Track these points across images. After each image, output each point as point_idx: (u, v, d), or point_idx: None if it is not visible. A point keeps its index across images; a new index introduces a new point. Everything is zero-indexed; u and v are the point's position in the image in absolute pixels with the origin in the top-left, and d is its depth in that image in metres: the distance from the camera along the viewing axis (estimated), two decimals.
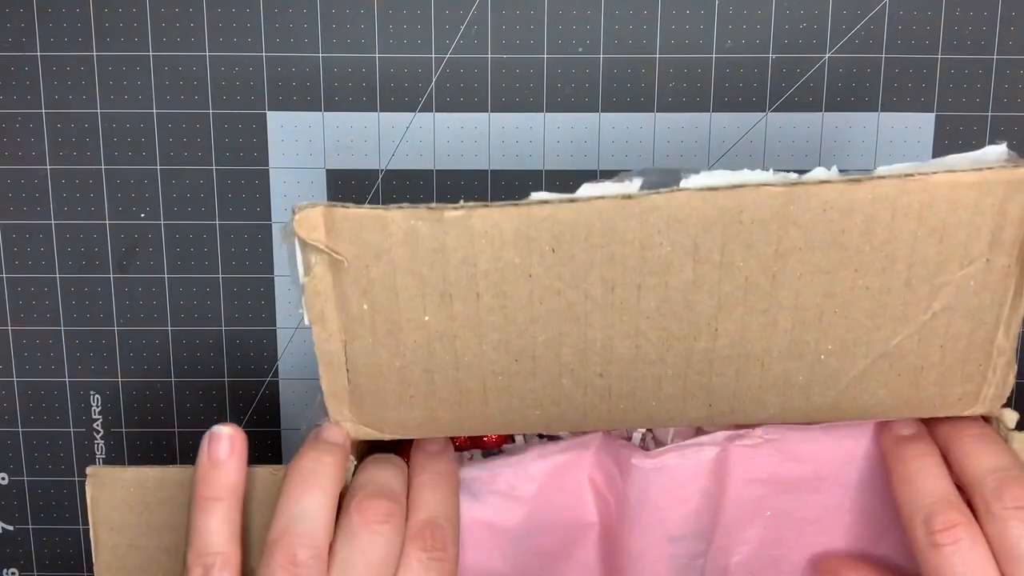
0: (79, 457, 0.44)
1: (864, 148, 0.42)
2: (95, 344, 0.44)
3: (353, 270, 0.28)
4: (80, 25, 0.41)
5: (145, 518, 0.32)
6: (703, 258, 0.28)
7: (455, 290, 0.29)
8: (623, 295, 0.29)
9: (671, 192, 0.28)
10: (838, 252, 0.29)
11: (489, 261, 0.28)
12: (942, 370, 0.31)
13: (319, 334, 0.30)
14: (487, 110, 0.42)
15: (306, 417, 0.33)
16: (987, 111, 0.41)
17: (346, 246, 0.28)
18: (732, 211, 0.28)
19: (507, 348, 0.30)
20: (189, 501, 0.30)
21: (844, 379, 0.31)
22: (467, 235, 0.28)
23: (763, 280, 0.29)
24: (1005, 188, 0.28)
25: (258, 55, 0.41)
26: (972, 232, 0.28)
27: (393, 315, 0.29)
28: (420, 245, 0.28)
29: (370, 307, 0.29)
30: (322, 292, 0.29)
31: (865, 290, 0.29)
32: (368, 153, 0.42)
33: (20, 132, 0.42)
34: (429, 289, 0.29)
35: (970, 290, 0.29)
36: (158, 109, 0.42)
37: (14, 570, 0.45)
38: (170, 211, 0.43)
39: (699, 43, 0.41)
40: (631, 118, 0.42)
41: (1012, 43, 0.41)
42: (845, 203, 0.28)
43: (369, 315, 0.29)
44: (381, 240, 0.28)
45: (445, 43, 0.41)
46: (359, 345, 0.30)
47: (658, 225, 0.28)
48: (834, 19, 0.41)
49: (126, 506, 0.32)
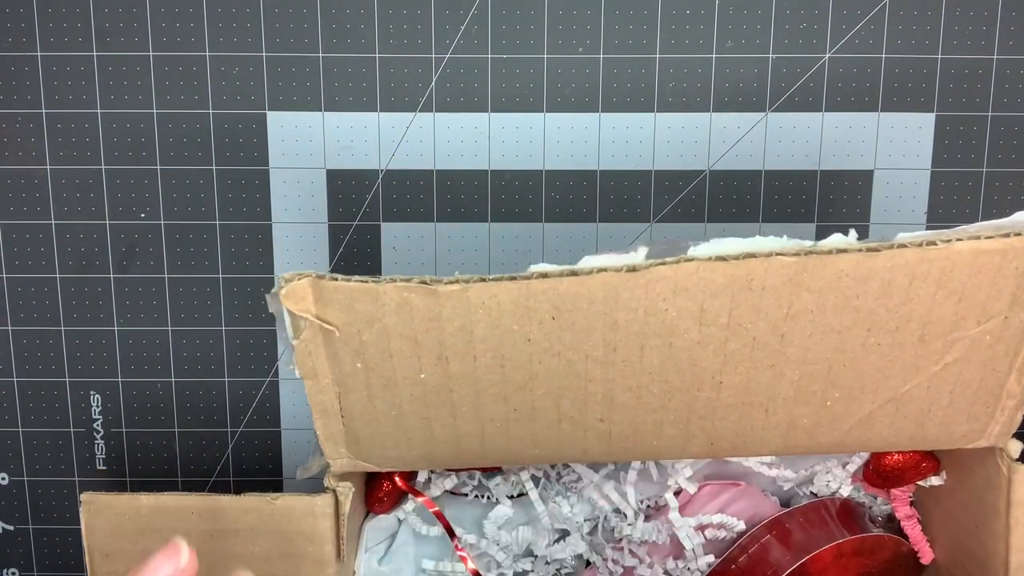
0: (79, 457, 0.44)
1: (864, 148, 0.42)
2: (95, 344, 0.44)
3: (345, 335, 0.28)
4: (80, 25, 0.41)
5: (140, 544, 0.32)
6: (710, 321, 0.28)
7: (451, 353, 0.28)
8: (625, 355, 0.28)
9: (678, 263, 0.27)
10: (851, 314, 0.28)
11: (487, 329, 0.28)
12: (949, 412, 0.30)
13: (312, 387, 0.29)
14: (487, 110, 0.42)
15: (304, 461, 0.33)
16: (987, 111, 0.41)
17: (336, 314, 0.28)
18: (742, 279, 0.27)
19: (505, 400, 0.29)
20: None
21: (849, 422, 0.31)
22: (463, 307, 0.27)
23: (771, 339, 0.28)
24: (1015, 261, 0.28)
25: (258, 55, 0.41)
26: (993, 294, 0.28)
27: (388, 373, 0.29)
28: (414, 315, 0.28)
29: (364, 366, 0.29)
30: (313, 352, 0.28)
31: (876, 346, 0.29)
32: (368, 153, 0.42)
33: (20, 132, 0.42)
34: (424, 352, 0.28)
35: (985, 344, 0.29)
36: (158, 109, 0.42)
37: (14, 570, 0.45)
38: (170, 211, 0.42)
39: (699, 43, 0.41)
40: (631, 118, 0.42)
41: (1012, 43, 0.41)
42: (862, 272, 0.27)
43: (363, 373, 0.29)
44: (373, 310, 0.28)
45: (445, 43, 0.41)
46: (354, 398, 0.29)
47: (664, 294, 0.27)
48: (834, 19, 0.41)
49: (121, 533, 0.32)
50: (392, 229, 0.43)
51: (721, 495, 0.37)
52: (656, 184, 0.42)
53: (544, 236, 0.43)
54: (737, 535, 0.37)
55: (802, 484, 0.39)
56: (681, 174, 0.42)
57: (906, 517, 0.38)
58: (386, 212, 0.42)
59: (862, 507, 0.39)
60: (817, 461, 0.38)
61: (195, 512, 0.32)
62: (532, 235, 0.43)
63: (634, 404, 0.30)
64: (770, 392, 0.29)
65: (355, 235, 0.43)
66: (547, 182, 0.42)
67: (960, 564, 0.35)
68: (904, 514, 0.38)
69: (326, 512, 0.31)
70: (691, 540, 0.37)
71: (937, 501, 0.37)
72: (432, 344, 0.28)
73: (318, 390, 0.29)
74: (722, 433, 0.31)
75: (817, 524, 0.37)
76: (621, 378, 0.29)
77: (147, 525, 0.32)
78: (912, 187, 0.42)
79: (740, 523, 0.37)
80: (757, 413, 0.30)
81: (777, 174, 0.42)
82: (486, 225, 0.43)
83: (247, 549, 0.32)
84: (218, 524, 0.32)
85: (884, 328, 0.28)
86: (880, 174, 0.42)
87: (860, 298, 0.28)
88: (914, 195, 0.42)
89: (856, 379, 0.29)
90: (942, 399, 0.30)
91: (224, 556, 0.32)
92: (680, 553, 0.37)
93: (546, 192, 0.42)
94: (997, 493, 0.32)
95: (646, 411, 0.30)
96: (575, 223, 0.42)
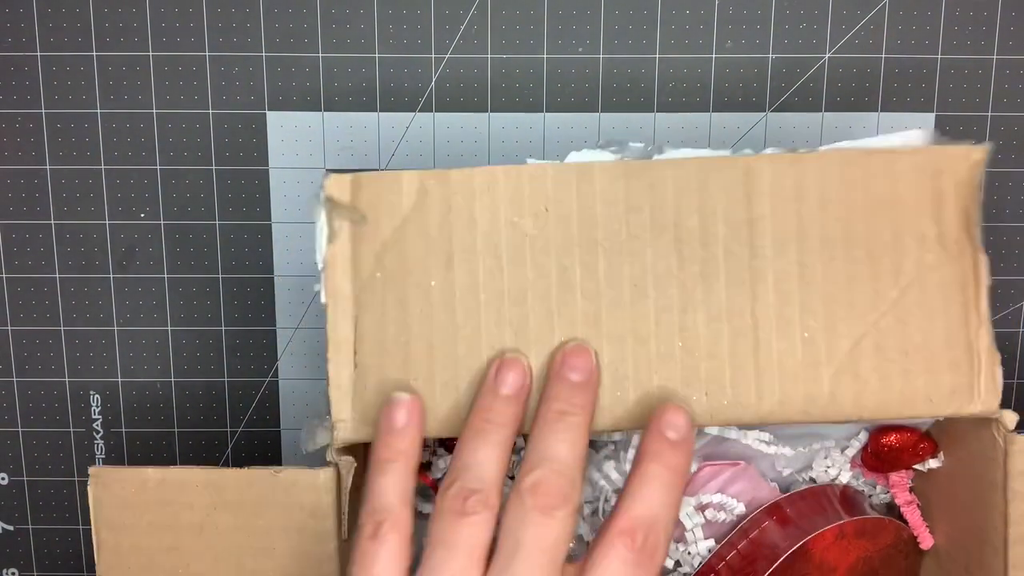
0: (79, 457, 0.44)
1: None
2: (95, 344, 0.44)
3: (369, 234, 0.31)
4: (80, 25, 0.41)
5: (147, 518, 0.33)
6: (682, 223, 0.31)
7: (457, 251, 0.31)
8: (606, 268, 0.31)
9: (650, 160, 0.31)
10: (798, 223, 0.31)
11: (488, 221, 0.31)
12: (926, 355, 0.31)
13: (332, 311, 0.31)
14: (487, 110, 0.42)
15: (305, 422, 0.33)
16: (987, 111, 0.41)
17: (366, 208, 0.31)
18: (701, 182, 0.31)
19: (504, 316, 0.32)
20: (369, 463, 0.30)
21: (834, 360, 0.31)
22: (469, 200, 0.31)
23: (740, 249, 0.31)
24: (935, 165, 0.31)
25: (258, 55, 0.41)
26: (916, 207, 0.31)
27: (401, 282, 0.31)
28: (429, 204, 0.31)
29: (382, 275, 0.31)
30: (340, 263, 0.31)
31: (831, 260, 0.31)
32: (368, 153, 0.42)
33: (20, 132, 0.42)
34: (435, 252, 0.31)
35: (930, 265, 0.31)
36: (158, 109, 0.42)
37: (14, 570, 0.45)
38: (170, 211, 0.43)
39: (699, 43, 0.41)
40: (631, 118, 0.42)
41: (1012, 43, 0.41)
42: (796, 180, 0.31)
43: (380, 283, 0.31)
44: (395, 201, 0.31)
45: (445, 43, 0.41)
46: (369, 319, 0.31)
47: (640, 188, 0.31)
48: (834, 19, 0.41)
49: (128, 506, 0.33)
50: None
51: (720, 475, 0.38)
52: None
53: None
54: (737, 518, 0.37)
55: (801, 470, 0.39)
56: None
57: (906, 503, 0.38)
58: None
59: (862, 494, 0.39)
60: (815, 439, 0.38)
61: (199, 485, 0.32)
62: None
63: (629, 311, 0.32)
64: (751, 317, 0.31)
65: None
66: None
67: (959, 543, 0.36)
68: (904, 500, 0.38)
69: (328, 487, 0.31)
70: (691, 519, 0.37)
71: (936, 485, 0.37)
72: (442, 239, 0.31)
73: (337, 314, 0.31)
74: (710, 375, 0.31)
75: (818, 509, 0.37)
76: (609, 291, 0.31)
77: (153, 498, 0.32)
78: None
79: (740, 505, 0.37)
80: (744, 347, 0.31)
81: None
82: None
83: (250, 522, 0.32)
84: (222, 497, 0.32)
85: (834, 239, 0.31)
86: None
87: (804, 205, 0.31)
88: None
89: (825, 303, 0.31)
90: (915, 336, 0.31)
91: (227, 528, 0.32)
92: (680, 536, 0.37)
93: None
94: (994, 466, 0.32)
95: (637, 341, 0.31)
96: None
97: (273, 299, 0.43)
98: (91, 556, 0.45)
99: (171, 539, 0.33)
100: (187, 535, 0.32)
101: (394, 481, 0.30)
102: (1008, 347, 0.43)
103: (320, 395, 0.44)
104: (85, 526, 0.45)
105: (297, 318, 0.43)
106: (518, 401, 0.31)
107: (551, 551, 0.28)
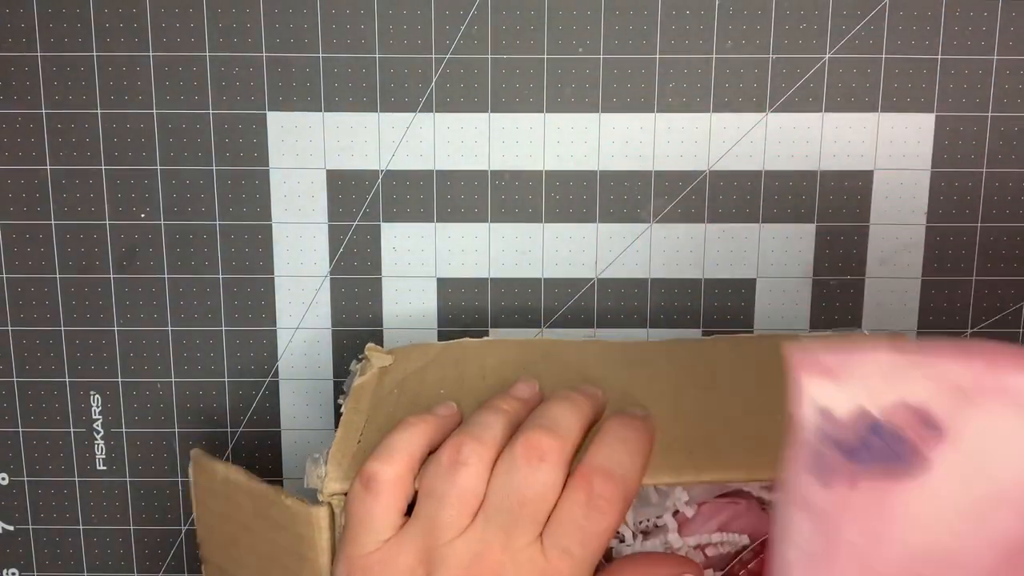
0: (79, 457, 0.44)
1: (864, 148, 0.42)
2: (95, 344, 0.44)
3: (395, 370, 0.37)
4: (80, 25, 0.41)
5: (220, 507, 0.35)
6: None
7: (466, 374, 0.37)
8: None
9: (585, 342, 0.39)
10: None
11: (496, 362, 0.37)
12: None
13: (350, 408, 0.35)
14: (487, 110, 0.42)
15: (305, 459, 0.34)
16: (987, 111, 0.41)
17: (397, 356, 0.38)
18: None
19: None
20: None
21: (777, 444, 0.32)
22: (479, 349, 0.38)
23: (706, 373, 0.37)
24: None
25: (258, 55, 0.41)
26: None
27: (415, 391, 0.36)
28: (448, 356, 0.38)
29: (399, 391, 0.36)
30: (366, 387, 0.36)
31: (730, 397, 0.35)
32: (368, 153, 0.42)
33: (20, 132, 0.42)
34: (448, 376, 0.37)
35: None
36: (158, 109, 0.42)
37: (14, 570, 0.45)
38: (170, 211, 0.43)
39: (699, 43, 0.41)
40: (631, 118, 0.42)
41: (1012, 43, 0.41)
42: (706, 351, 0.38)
43: (396, 395, 0.36)
44: (423, 353, 0.38)
45: (445, 43, 0.41)
46: (381, 412, 0.35)
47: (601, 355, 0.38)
48: (834, 19, 0.41)
49: (211, 493, 0.35)
50: (392, 229, 0.43)
51: (721, 513, 0.37)
52: (656, 184, 0.42)
53: (544, 236, 0.43)
54: (740, 548, 0.37)
55: None
56: (681, 174, 0.42)
57: None
58: (386, 212, 0.42)
59: None
60: None
61: (243, 490, 0.34)
62: (532, 235, 0.43)
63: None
64: (724, 408, 0.34)
65: (355, 235, 0.43)
66: (547, 182, 0.42)
67: None
68: None
69: (322, 525, 0.32)
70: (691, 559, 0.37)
71: None
72: (455, 371, 0.37)
73: (353, 410, 0.35)
74: (696, 439, 0.33)
75: None
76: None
77: (221, 490, 0.35)
78: (912, 187, 0.42)
79: (744, 537, 0.37)
80: (721, 424, 0.34)
81: (777, 174, 0.42)
82: (486, 225, 0.43)
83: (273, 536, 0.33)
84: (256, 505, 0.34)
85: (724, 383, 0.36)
86: (880, 174, 0.42)
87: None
88: (914, 195, 0.42)
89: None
90: None
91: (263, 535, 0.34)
92: None
93: (546, 192, 0.42)
94: None
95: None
96: (575, 223, 0.42)
97: (273, 299, 0.43)
98: (91, 556, 0.45)
99: (232, 530, 0.35)
100: (241, 531, 0.34)
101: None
102: None
103: (320, 395, 0.44)
104: (85, 526, 0.45)
105: (297, 318, 0.43)
106: (527, 404, 0.32)
107: (534, 501, 0.29)
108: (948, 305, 0.43)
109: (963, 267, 0.43)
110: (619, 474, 0.30)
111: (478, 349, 0.38)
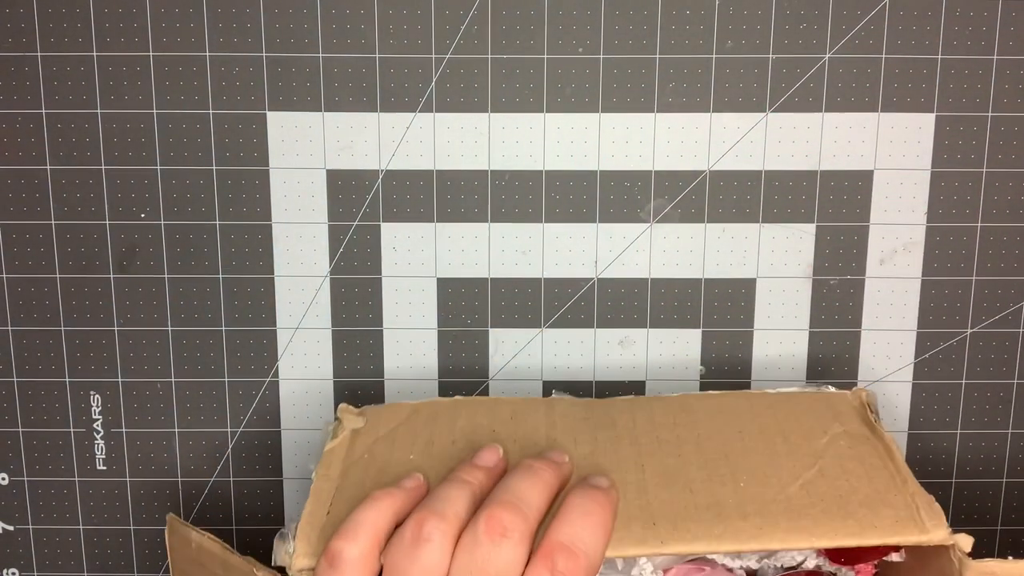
0: (79, 457, 0.44)
1: (864, 148, 0.42)
2: (95, 344, 0.44)
3: (367, 432, 0.38)
4: (80, 25, 0.41)
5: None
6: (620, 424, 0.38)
7: (436, 438, 0.37)
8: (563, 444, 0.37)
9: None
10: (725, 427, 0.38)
11: (465, 420, 0.38)
12: (860, 497, 0.34)
13: (321, 476, 0.36)
14: (487, 110, 0.42)
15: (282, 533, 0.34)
16: (987, 111, 0.41)
17: (370, 416, 0.39)
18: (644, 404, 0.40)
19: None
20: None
21: (773, 502, 0.33)
22: (451, 408, 0.39)
23: (670, 437, 0.37)
24: (827, 401, 0.39)
25: (258, 55, 0.41)
26: (818, 419, 0.38)
27: (386, 457, 0.36)
28: (419, 416, 0.39)
29: (369, 456, 0.37)
30: (337, 451, 0.37)
31: (754, 451, 0.36)
32: (368, 153, 0.42)
33: (20, 132, 0.42)
34: (419, 439, 0.37)
35: (844, 447, 0.36)
36: (158, 109, 0.42)
37: (14, 570, 0.45)
38: (170, 211, 0.43)
39: (699, 43, 0.41)
40: (631, 118, 0.42)
41: (1012, 43, 0.41)
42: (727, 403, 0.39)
43: (366, 461, 0.36)
44: (393, 414, 0.39)
45: (445, 43, 0.41)
46: (350, 480, 0.35)
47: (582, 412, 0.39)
48: (834, 19, 0.41)
49: (189, 560, 0.36)
50: (392, 229, 0.43)
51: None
52: (656, 184, 0.42)
53: (544, 236, 0.43)
54: None
55: (769, 556, 0.39)
56: (681, 174, 0.42)
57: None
58: (386, 212, 0.42)
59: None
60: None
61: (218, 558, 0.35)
62: (532, 235, 0.43)
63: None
64: (687, 476, 0.35)
65: (355, 235, 0.43)
66: (547, 182, 0.42)
67: None
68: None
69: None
70: None
71: (899, 573, 0.37)
72: (426, 433, 0.38)
73: (324, 477, 0.36)
74: (660, 510, 0.33)
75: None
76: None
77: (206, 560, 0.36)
78: (912, 187, 0.42)
79: None
80: (684, 493, 0.34)
81: (777, 174, 0.42)
82: (486, 225, 0.43)
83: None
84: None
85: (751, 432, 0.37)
86: (880, 174, 0.42)
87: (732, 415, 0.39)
88: (914, 195, 0.42)
89: (753, 471, 0.35)
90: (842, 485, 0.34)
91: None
92: None
93: (546, 192, 0.42)
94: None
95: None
96: (575, 223, 0.42)
97: (273, 299, 0.43)
98: (91, 556, 0.45)
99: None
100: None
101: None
102: (1008, 347, 0.43)
103: (320, 395, 0.44)
104: (85, 526, 0.45)
105: (297, 318, 0.43)
106: (491, 474, 0.33)
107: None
108: (948, 305, 0.43)
109: (963, 267, 0.43)
110: (582, 549, 0.30)
111: (450, 409, 0.39)
